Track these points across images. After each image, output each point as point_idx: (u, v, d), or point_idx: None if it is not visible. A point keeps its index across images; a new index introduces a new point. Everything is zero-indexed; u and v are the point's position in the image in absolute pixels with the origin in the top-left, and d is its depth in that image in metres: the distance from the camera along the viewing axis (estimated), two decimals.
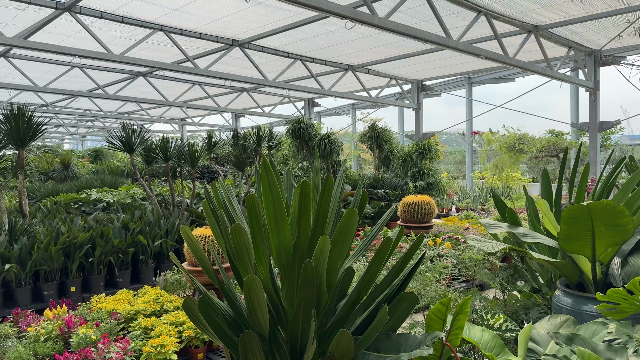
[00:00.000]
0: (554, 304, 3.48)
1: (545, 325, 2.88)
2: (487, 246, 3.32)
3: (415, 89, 14.59)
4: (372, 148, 12.61)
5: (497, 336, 2.57)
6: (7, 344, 4.26)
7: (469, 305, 2.13)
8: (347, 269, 2.38)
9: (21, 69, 11.53)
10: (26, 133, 6.25)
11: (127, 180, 14.58)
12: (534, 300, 4.10)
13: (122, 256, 6.78)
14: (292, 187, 2.56)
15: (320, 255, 1.89)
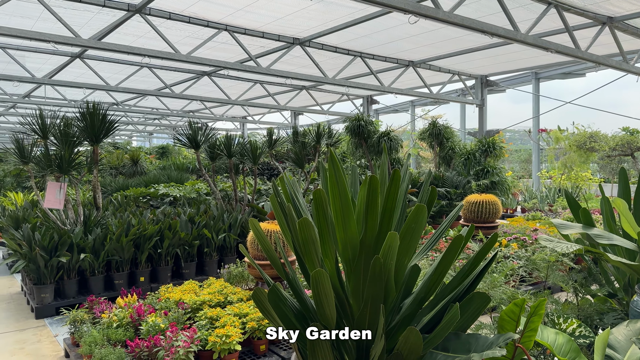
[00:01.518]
0: (631, 310, 3.27)
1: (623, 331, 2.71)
2: (561, 247, 3.16)
3: (479, 84, 14.17)
4: (433, 146, 12.36)
5: (572, 340, 2.45)
6: (82, 329, 4.52)
7: (544, 307, 2.04)
8: (413, 267, 2.33)
9: (95, 69, 12.19)
10: (100, 130, 6.60)
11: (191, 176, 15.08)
12: (609, 305, 3.87)
13: (188, 248, 7.03)
14: (356, 183, 2.55)
15: (388, 252, 1.87)
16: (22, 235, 6.40)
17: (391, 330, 2.20)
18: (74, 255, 6.18)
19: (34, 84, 13.28)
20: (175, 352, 3.67)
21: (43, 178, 7.26)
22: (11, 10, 8.38)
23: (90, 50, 11.53)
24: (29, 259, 6.00)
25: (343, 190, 2.00)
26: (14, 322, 5.83)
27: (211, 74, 13.98)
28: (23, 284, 7.03)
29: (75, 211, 6.90)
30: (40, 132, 6.64)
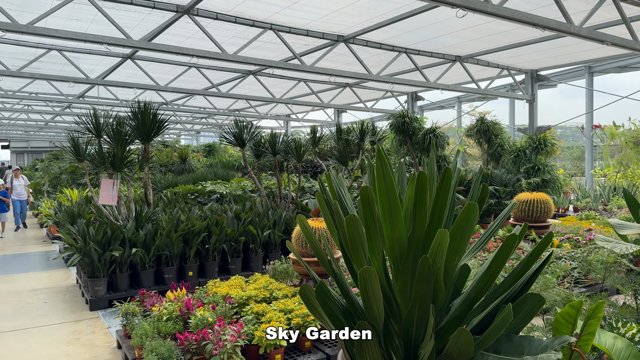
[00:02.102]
0: None
1: None
2: (620, 248, 3.01)
3: (529, 79, 13.71)
4: (480, 142, 12.06)
5: (631, 345, 2.32)
6: (134, 322, 4.67)
7: (602, 310, 1.94)
8: (463, 267, 2.28)
9: (145, 70, 12.57)
10: (151, 129, 6.80)
11: (237, 173, 15.34)
12: None
13: (234, 244, 7.15)
14: (403, 181, 2.51)
15: (437, 250, 1.83)
16: (77, 230, 6.69)
17: (440, 330, 2.16)
18: (126, 250, 6.41)
19: (88, 84, 13.82)
20: (222, 346, 3.74)
21: (97, 175, 7.56)
22: (67, 14, 8.75)
23: (140, 51, 11.90)
24: (83, 253, 6.26)
25: (391, 187, 1.97)
26: (69, 313, 6.10)
27: (256, 73, 14.15)
28: (78, 277, 7.35)
29: (127, 207, 7.15)
30: (95, 130, 6.91)
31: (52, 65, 12.79)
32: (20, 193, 13.72)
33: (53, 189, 15.29)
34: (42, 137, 43.53)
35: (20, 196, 13.65)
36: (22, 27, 7.11)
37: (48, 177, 15.81)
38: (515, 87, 14.27)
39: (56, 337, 5.24)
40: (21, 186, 13.79)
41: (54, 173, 15.76)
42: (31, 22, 7.29)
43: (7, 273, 8.38)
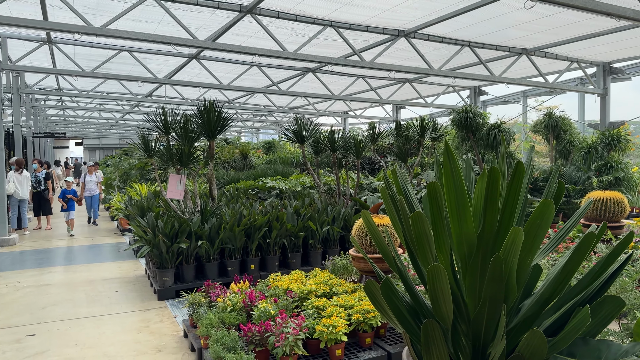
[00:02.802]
0: None
1: None
2: None
3: (601, 72, 12.98)
4: (548, 139, 11.55)
5: None
6: (200, 312, 4.85)
7: None
8: (535, 266, 2.20)
9: (209, 69, 12.97)
10: (216, 126, 7.02)
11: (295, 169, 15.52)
12: None
13: (294, 239, 7.25)
14: (471, 177, 2.45)
15: (510, 248, 1.78)
16: (146, 223, 7.01)
17: (510, 331, 2.09)
18: (192, 242, 6.66)
19: (156, 83, 14.45)
20: (284, 339, 3.81)
21: (165, 170, 7.89)
22: (136, 16, 9.17)
23: (205, 51, 12.30)
24: (152, 245, 6.56)
25: (459, 183, 1.93)
26: (139, 302, 6.41)
27: (315, 70, 14.25)
28: (147, 268, 7.71)
29: (193, 201, 7.42)
30: (163, 128, 7.21)
31: (123, 65, 13.47)
32: (92, 189, 13.77)
33: (123, 184, 16.09)
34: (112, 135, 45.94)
35: (92, 192, 13.73)
36: (96, 30, 7.53)
37: (118, 173, 16.65)
38: (585, 80, 13.55)
39: (127, 325, 5.53)
40: (92, 182, 13.82)
41: (124, 169, 16.58)
42: (104, 24, 7.71)
43: (82, 263, 8.92)
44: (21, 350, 4.81)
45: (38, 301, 6.47)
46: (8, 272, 8.21)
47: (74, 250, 10.14)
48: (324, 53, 11.55)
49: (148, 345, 4.90)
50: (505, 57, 12.19)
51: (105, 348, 4.84)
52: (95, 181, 13.87)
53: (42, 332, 5.30)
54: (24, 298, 6.62)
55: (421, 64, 11.54)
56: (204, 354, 4.25)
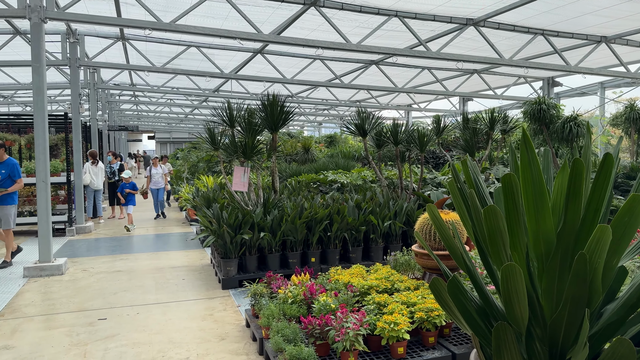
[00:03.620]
0: None
1: None
2: None
3: None
4: (629, 132, 10.74)
5: None
6: (261, 302, 4.89)
7: None
8: (620, 268, 2.00)
9: (273, 63, 13.11)
10: (279, 119, 7.06)
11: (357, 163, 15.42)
12: None
13: (355, 233, 7.17)
14: (549, 169, 2.27)
15: (595, 247, 1.61)
16: (212, 214, 7.18)
17: (591, 337, 1.91)
18: (254, 234, 6.75)
19: (222, 78, 14.79)
20: (345, 333, 3.75)
21: (230, 163, 8.04)
22: (203, 12, 9.40)
23: (269, 46, 12.44)
24: (217, 235, 6.71)
25: (538, 176, 1.77)
26: (204, 291, 6.58)
27: (378, 63, 14.05)
28: (212, 257, 7.90)
29: (256, 194, 7.52)
30: (229, 121, 7.34)
31: (191, 61, 13.90)
32: (157, 182, 13.61)
33: (191, 176, 16.65)
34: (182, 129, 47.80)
35: (157, 185, 13.59)
36: (165, 25, 7.77)
37: (187, 165, 17.25)
38: None
39: (192, 312, 5.68)
40: (158, 174, 13.64)
41: (192, 161, 17.14)
42: (173, 20, 7.94)
43: (152, 251, 9.30)
44: (93, 333, 5.06)
45: (110, 287, 6.80)
46: (84, 258, 8.70)
47: (144, 239, 10.60)
48: (388, 44, 11.34)
49: (211, 333, 5.01)
50: (582, 45, 11.45)
51: (171, 334, 4.99)
52: (160, 174, 13.73)
53: (112, 316, 5.56)
54: (97, 283, 6.98)
55: (490, 54, 11.06)
56: (265, 344, 4.28)
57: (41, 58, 7.38)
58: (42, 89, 7.44)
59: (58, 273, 7.45)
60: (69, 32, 11.18)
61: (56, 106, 23.78)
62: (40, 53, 7.37)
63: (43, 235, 7.57)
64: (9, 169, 7.99)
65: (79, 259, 8.60)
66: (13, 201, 8.13)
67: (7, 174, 7.97)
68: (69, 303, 6.04)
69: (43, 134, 7.55)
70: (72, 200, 11.32)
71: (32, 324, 5.31)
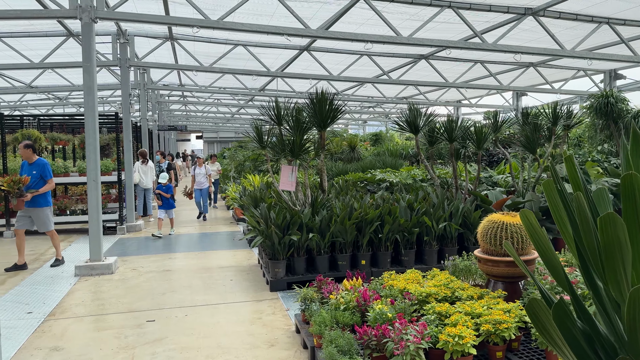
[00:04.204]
0: None
1: None
2: None
3: None
4: None
5: None
6: (312, 307, 4.64)
7: None
8: None
9: (320, 60, 12.87)
10: (327, 116, 6.80)
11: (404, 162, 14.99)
12: None
13: (408, 235, 6.83)
14: None
15: None
16: (259, 214, 7.01)
17: None
18: (303, 235, 6.52)
19: (269, 76, 14.67)
20: (405, 347, 3.45)
21: (277, 162, 7.86)
22: (251, 10, 9.27)
23: (315, 43, 12.22)
24: (265, 235, 6.52)
25: None
26: (252, 292, 6.41)
27: (428, 57, 13.57)
28: (259, 258, 7.74)
29: (304, 193, 7.29)
30: (276, 119, 7.15)
31: (238, 61, 13.87)
32: (201, 182, 13.08)
33: (238, 175, 16.68)
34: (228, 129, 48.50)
35: (201, 185, 13.05)
36: (213, 23, 7.66)
37: (234, 164, 17.29)
38: None
39: (240, 315, 5.51)
40: (202, 175, 13.10)
41: (238, 160, 17.18)
42: (220, 17, 7.82)
43: (200, 250, 9.26)
44: (141, 335, 4.96)
45: (158, 286, 6.74)
46: (134, 256, 8.74)
47: (192, 238, 10.61)
48: (440, 37, 10.88)
49: (260, 339, 4.81)
50: None
51: (219, 339, 4.83)
52: (204, 174, 13.17)
53: (161, 318, 5.46)
54: (146, 283, 6.94)
55: (550, 45, 10.41)
56: (317, 353, 4.03)
57: (92, 58, 7.42)
58: (93, 88, 7.49)
59: (108, 272, 7.48)
60: (119, 33, 11.33)
61: (108, 107, 24.48)
62: (91, 53, 7.41)
63: (93, 234, 7.62)
64: (40, 169, 7.81)
65: (129, 257, 8.65)
66: (47, 202, 7.93)
67: (39, 175, 7.80)
68: (117, 303, 6.00)
69: (94, 133, 7.60)
70: (122, 199, 11.49)
71: (81, 325, 5.28)
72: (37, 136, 11.28)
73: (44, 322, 5.36)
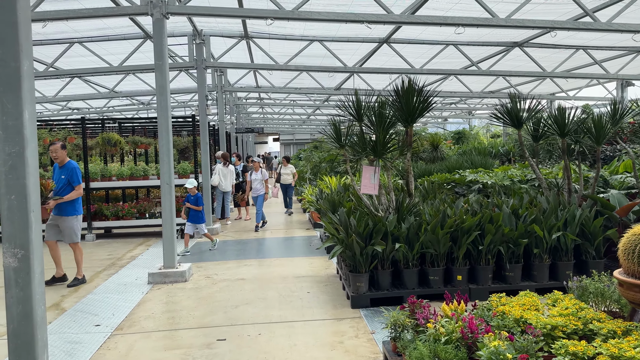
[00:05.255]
0: None
1: None
2: None
3: None
4: None
5: None
6: (405, 337, 3.85)
7: None
8: None
9: (400, 53, 11.99)
10: (416, 108, 5.96)
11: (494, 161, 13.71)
12: None
13: (513, 247, 5.83)
14: None
15: None
16: (338, 220, 6.32)
17: None
18: (388, 244, 5.74)
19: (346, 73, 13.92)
20: None
21: (357, 162, 7.12)
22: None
23: (396, 34, 11.38)
24: (345, 245, 5.80)
25: None
26: (331, 309, 5.72)
27: (522, 45, 12.24)
28: (338, 267, 7.05)
29: (387, 197, 6.49)
30: (356, 115, 6.42)
31: (313, 59, 13.28)
32: (257, 189, 11.74)
33: (314, 177, 16.18)
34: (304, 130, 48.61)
35: (257, 192, 11.75)
36: (288, 14, 7.10)
37: (310, 165, 16.82)
38: None
39: (319, 337, 4.84)
40: (258, 181, 11.75)
41: (314, 161, 16.69)
42: (295, 7, 7.22)
43: (275, 256, 8.74)
44: (211, 357, 4.41)
45: (232, 298, 6.24)
46: (209, 262, 8.37)
47: (268, 243, 10.14)
48: (543, 18, 9.63)
49: None
50: None
51: None
52: (260, 179, 11.74)
53: (232, 336, 4.90)
54: (219, 293, 6.47)
55: None
56: None
57: (163, 55, 7.10)
58: (165, 87, 7.16)
59: (182, 280, 7.12)
60: (195, 33, 11.14)
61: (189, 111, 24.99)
62: (163, 50, 7.10)
63: (167, 240, 7.29)
64: (69, 174, 6.96)
65: (204, 263, 8.30)
66: (75, 211, 7.02)
67: (67, 180, 6.95)
68: (188, 317, 5.54)
69: (167, 135, 7.27)
70: None
71: (148, 342, 4.84)
72: (117, 139, 11.35)
73: (110, 337, 4.98)
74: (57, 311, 5.93)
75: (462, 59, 12.91)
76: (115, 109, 22.20)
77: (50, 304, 6.18)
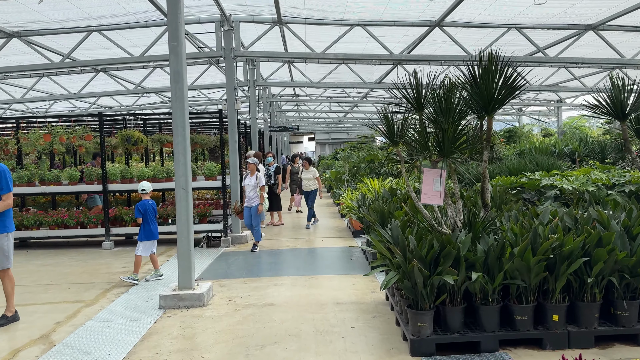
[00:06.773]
0: None
1: None
2: None
3: None
4: None
5: None
6: None
7: None
8: None
9: (454, 37, 10.50)
10: (498, 93, 4.53)
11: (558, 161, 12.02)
12: None
13: (629, 277, 4.33)
14: None
15: None
16: (390, 236, 4.96)
17: None
18: (460, 272, 4.34)
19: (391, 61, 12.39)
20: None
21: (412, 163, 5.72)
22: None
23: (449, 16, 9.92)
24: (403, 272, 4.44)
25: None
26: (384, 355, 4.36)
27: (597, 27, 10.54)
28: (388, 293, 5.69)
29: (455, 207, 5.08)
30: (414, 102, 5.03)
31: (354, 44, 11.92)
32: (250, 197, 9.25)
33: (352, 178, 14.84)
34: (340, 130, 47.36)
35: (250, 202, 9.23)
36: None
37: (348, 166, 15.50)
38: None
39: None
40: (250, 187, 9.22)
41: (353, 162, 15.36)
42: None
43: (310, 273, 7.44)
44: None
45: (257, 333, 4.97)
46: (233, 279, 7.16)
47: (303, 255, 8.85)
48: None
49: None
50: None
51: None
52: (254, 185, 9.12)
53: None
54: (242, 325, 5.21)
55: None
56: None
57: (179, 35, 5.92)
58: (181, 73, 5.98)
59: (199, 304, 5.91)
60: (223, 19, 9.98)
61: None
62: (178, 29, 5.91)
63: (183, 255, 6.10)
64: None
65: (228, 280, 7.09)
66: (6, 228, 5.31)
67: None
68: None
69: (183, 130, 6.08)
70: (227, 207, 10.11)
71: None
72: (139, 137, 10.31)
73: None
74: (43, 346, 4.81)
75: (522, 45, 11.30)
76: (146, 107, 21.42)
77: (38, 336, 5.08)
